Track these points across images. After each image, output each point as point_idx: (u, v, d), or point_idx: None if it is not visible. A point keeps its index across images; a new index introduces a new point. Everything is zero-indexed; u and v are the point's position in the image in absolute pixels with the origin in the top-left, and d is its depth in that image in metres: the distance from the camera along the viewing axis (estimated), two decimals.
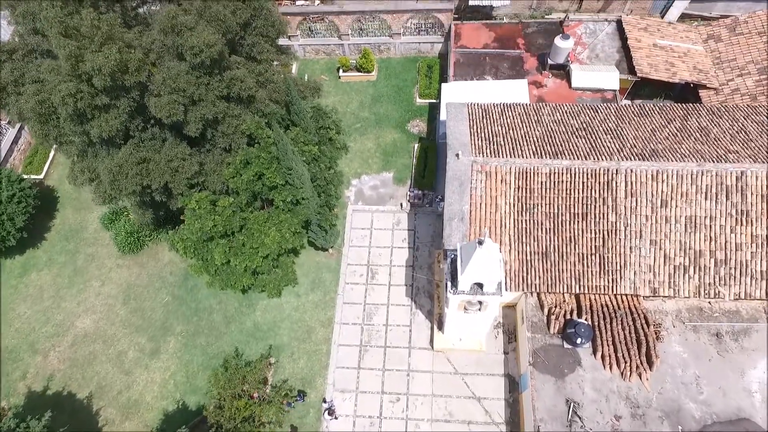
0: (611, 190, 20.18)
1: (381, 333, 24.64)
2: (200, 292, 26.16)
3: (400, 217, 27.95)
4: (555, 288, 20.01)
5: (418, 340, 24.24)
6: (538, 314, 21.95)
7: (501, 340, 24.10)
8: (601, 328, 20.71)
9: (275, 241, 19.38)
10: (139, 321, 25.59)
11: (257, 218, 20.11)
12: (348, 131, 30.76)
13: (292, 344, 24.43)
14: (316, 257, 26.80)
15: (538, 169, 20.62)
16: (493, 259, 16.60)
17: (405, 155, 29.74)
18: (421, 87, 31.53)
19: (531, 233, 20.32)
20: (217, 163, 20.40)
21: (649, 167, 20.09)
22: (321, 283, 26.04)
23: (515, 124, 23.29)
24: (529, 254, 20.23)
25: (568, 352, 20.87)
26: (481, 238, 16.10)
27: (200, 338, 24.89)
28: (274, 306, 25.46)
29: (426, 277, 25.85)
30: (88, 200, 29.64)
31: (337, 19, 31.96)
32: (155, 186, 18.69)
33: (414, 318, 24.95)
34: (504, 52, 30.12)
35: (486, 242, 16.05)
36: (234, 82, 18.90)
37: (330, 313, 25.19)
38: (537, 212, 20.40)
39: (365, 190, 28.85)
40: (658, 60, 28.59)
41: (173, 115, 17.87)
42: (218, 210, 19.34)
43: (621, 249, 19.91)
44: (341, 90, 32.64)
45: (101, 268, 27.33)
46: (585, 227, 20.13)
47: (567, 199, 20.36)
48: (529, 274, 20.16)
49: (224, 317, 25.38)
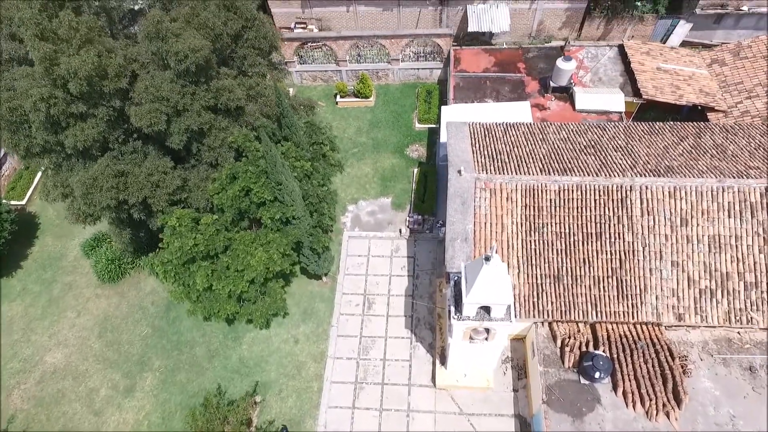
0: (626, 207, 18.72)
1: (378, 368, 22.50)
2: (183, 324, 24.17)
3: (399, 243, 26.34)
4: (569, 314, 18.17)
5: (419, 377, 22.08)
6: (550, 346, 19.99)
7: (510, 376, 21.94)
8: (621, 361, 18.76)
9: (262, 262, 17.71)
10: (115, 355, 23.47)
11: (243, 238, 18.53)
12: (345, 156, 29.66)
13: (281, 381, 22.23)
14: (309, 286, 24.99)
15: (546, 186, 19.25)
16: (502, 277, 14.93)
17: (404, 180, 28.48)
18: (420, 112, 30.70)
19: (541, 254, 18.69)
20: (201, 179, 19.04)
21: (666, 183, 18.72)
22: (313, 314, 24.10)
23: (519, 142, 22.14)
24: (539, 277, 18.52)
25: (585, 388, 18.80)
26: (488, 254, 14.50)
27: (180, 374, 22.70)
28: (261, 339, 23.43)
29: (427, 305, 23.96)
30: (70, 226, 28.17)
31: (334, 44, 31.56)
32: (133, 201, 17.21)
33: (414, 352, 22.87)
34: (505, 76, 29.46)
35: (494, 258, 14.43)
36: (222, 93, 17.84)
37: (323, 346, 23.12)
38: (547, 232, 18.85)
39: (362, 215, 27.40)
40: (663, 83, 27.89)
41: (154, 125, 16.66)
42: (200, 228, 17.78)
43: (640, 271, 18.23)
44: (338, 116, 31.81)
45: (78, 298, 25.45)
46: (600, 248, 18.52)
47: (578, 218, 18.87)
48: (540, 300, 18.37)
49: (207, 351, 23.29)
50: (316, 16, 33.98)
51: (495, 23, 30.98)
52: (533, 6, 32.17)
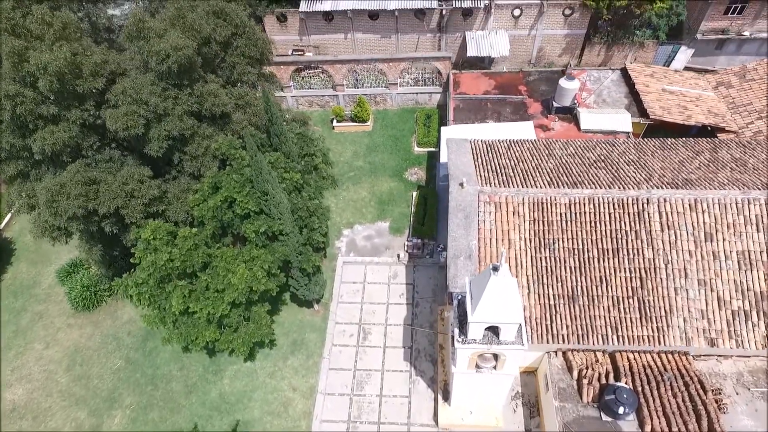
0: (643, 222, 17.15)
1: (374, 406, 20.19)
2: (160, 356, 22.01)
3: (397, 269, 24.56)
4: (587, 339, 16.20)
5: (419, 415, 19.75)
6: (566, 378, 17.88)
7: (521, 413, 19.61)
8: (647, 394, 16.65)
9: (244, 280, 15.93)
10: (82, 391, 21.18)
11: (224, 255, 16.83)
12: (341, 180, 28.39)
13: (265, 419, 19.87)
14: (299, 314, 23.01)
15: (555, 199, 17.76)
16: (512, 291, 13.15)
17: (402, 203, 27.03)
18: (419, 135, 29.67)
19: (553, 273, 16.94)
20: (182, 190, 17.57)
21: (686, 196, 17.24)
22: (303, 345, 21.99)
23: (524, 158, 20.85)
24: (552, 297, 16.68)
25: (607, 425, 16.59)
26: (495, 264, 12.79)
27: (153, 412, 20.35)
28: (245, 372, 21.21)
29: (428, 330, 21.91)
30: (48, 252, 26.50)
31: (331, 69, 30.98)
32: (103, 211, 15.66)
33: (414, 387, 20.62)
34: (506, 98, 28.63)
35: (502, 269, 12.72)
36: (206, 98, 16.69)
37: (312, 380, 20.89)
38: (558, 248, 17.19)
39: (358, 240, 25.76)
40: (670, 104, 27.01)
41: (131, 128, 15.37)
42: (177, 243, 16.12)
43: (664, 291, 16.42)
44: (335, 140, 30.78)
45: (48, 328, 23.39)
46: (617, 265, 16.80)
47: (592, 233, 17.25)
48: (554, 322, 16.45)
49: (185, 386, 21.02)
50: (314, 44, 33.67)
51: (494, 48, 30.53)
52: (533, 32, 31.87)
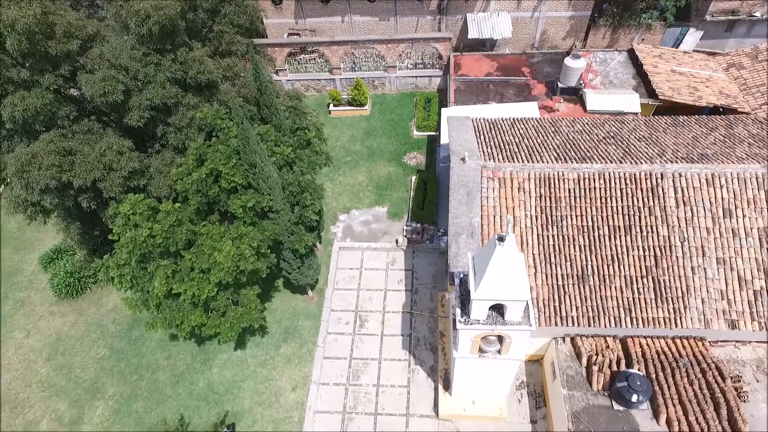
0: (657, 197, 16.07)
1: (370, 396, 19.09)
2: (146, 345, 20.94)
3: (396, 255, 23.47)
4: (598, 321, 15.11)
5: (419, 405, 18.65)
6: (574, 366, 16.81)
7: (526, 404, 18.53)
8: (661, 381, 15.60)
9: (230, 257, 14.85)
10: (63, 381, 20.10)
11: (210, 232, 15.75)
12: (337, 165, 27.33)
13: (255, 410, 18.77)
14: (293, 302, 21.92)
15: (563, 174, 16.69)
16: (518, 265, 12.07)
17: (401, 188, 25.95)
18: (419, 119, 28.60)
19: (561, 251, 15.86)
20: (165, 164, 16.50)
21: (702, 170, 16.15)
22: (296, 333, 20.91)
23: (529, 135, 19.79)
24: (560, 278, 15.60)
25: (620, 415, 15.52)
26: (501, 234, 11.71)
27: (137, 403, 19.26)
28: (235, 361, 20.13)
29: (428, 314, 20.82)
30: (31, 238, 25.45)
31: (327, 50, 29.93)
32: (79, 184, 14.59)
33: (413, 376, 19.53)
34: (509, 79, 27.57)
35: (508, 239, 11.63)
36: (191, 65, 15.62)
37: (306, 369, 19.80)
38: (566, 225, 16.11)
39: (355, 225, 24.68)
40: (679, 84, 25.91)
41: (109, 95, 14.31)
42: (159, 218, 15.04)
43: (680, 270, 15.34)
44: (331, 125, 29.72)
45: (29, 316, 22.31)
46: (630, 243, 15.72)
47: (603, 210, 16.18)
48: (562, 304, 15.36)
49: (172, 375, 19.94)
50: (310, 27, 32.65)
51: (496, 30, 29.47)
52: (536, 14, 30.80)
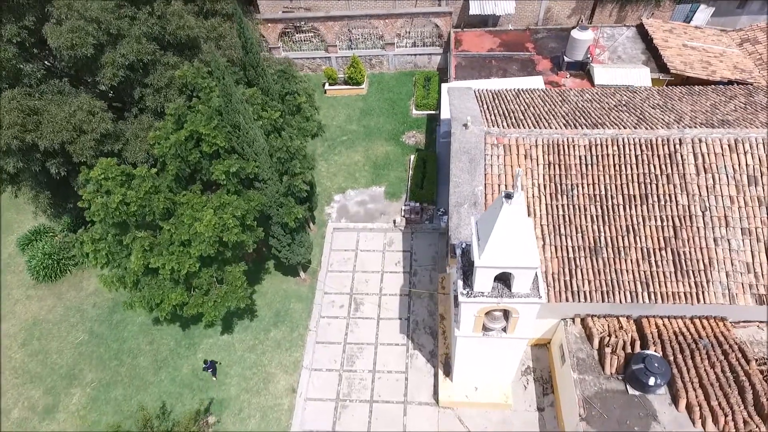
0: (676, 164, 14.83)
1: (366, 382, 17.85)
2: (127, 329, 19.71)
3: (393, 236, 22.22)
4: (613, 296, 13.85)
5: (418, 392, 17.41)
6: (585, 348, 15.60)
7: (533, 390, 17.29)
8: (680, 364, 14.40)
9: (211, 227, 13.62)
10: (38, 368, 18.86)
11: (190, 201, 14.50)
12: (333, 144, 26.12)
13: (242, 397, 17.53)
14: (284, 284, 20.68)
15: (573, 140, 15.44)
16: (527, 227, 10.83)
17: (399, 168, 24.70)
18: (418, 97, 27.35)
19: (572, 222, 14.61)
20: (142, 128, 15.26)
21: (724, 135, 14.91)
22: (287, 316, 19.67)
23: (535, 104, 18.55)
24: (571, 250, 14.35)
25: (635, 400, 14.32)
26: (508, 191, 10.47)
27: (116, 390, 18.03)
28: (222, 346, 18.90)
29: (428, 291, 19.61)
30: (10, 220, 24.19)
31: (323, 26, 28.68)
32: (46, 145, 13.37)
33: (411, 362, 18.29)
34: (512, 55, 26.33)
35: (517, 196, 10.39)
36: (170, 19, 14.38)
37: (297, 354, 18.56)
38: (577, 195, 14.86)
39: (350, 206, 23.43)
40: (691, 59, 24.67)
41: (77, 47, 13.09)
42: (134, 185, 13.80)
43: (701, 241, 14.09)
44: (326, 104, 28.47)
45: (5, 300, 21.06)
46: (647, 213, 14.48)
47: (617, 178, 14.93)
48: (573, 278, 14.11)
49: (154, 361, 18.70)
50: (305, 5, 31.37)
51: (499, 6, 28.18)
52: None
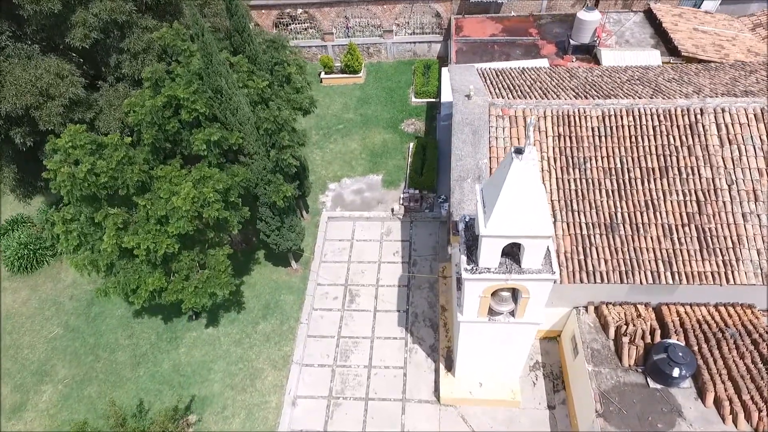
0: (698, 135, 13.60)
1: (361, 378, 16.46)
2: (105, 322, 18.36)
3: (391, 225, 20.94)
4: (632, 276, 12.53)
5: (417, 389, 16.01)
6: (600, 338, 14.26)
7: (542, 387, 15.89)
8: (705, 355, 13.08)
9: (189, 200, 12.37)
10: (8, 363, 17.49)
11: (168, 174, 13.27)
12: (327, 133, 24.95)
13: (226, 394, 16.14)
14: (274, 274, 19.36)
15: (585, 111, 14.24)
16: (540, 188, 9.57)
17: (398, 155, 23.50)
18: (417, 85, 26.24)
19: (585, 197, 13.35)
20: (118, 97, 14.07)
21: (749, 104, 13.71)
22: (277, 309, 18.32)
23: (542, 79, 17.40)
24: (585, 227, 13.07)
25: (657, 394, 12.94)
26: (519, 146, 9.22)
27: (90, 387, 16.64)
28: (206, 340, 17.53)
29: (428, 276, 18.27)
30: None
31: (318, 12, 27.68)
32: (7, 109, 12.17)
33: (410, 356, 16.90)
34: (515, 40, 25.27)
35: (528, 152, 9.14)
36: None
37: (286, 349, 17.19)
38: (590, 168, 13.62)
39: (346, 194, 22.18)
40: (703, 42, 23.58)
41: (42, 2, 11.89)
42: (105, 154, 12.57)
43: (728, 217, 12.81)
44: (322, 93, 27.35)
45: None
46: (667, 187, 13.22)
47: (633, 150, 13.70)
48: (588, 257, 12.81)
49: (133, 356, 17.33)
50: None
51: None
52: None
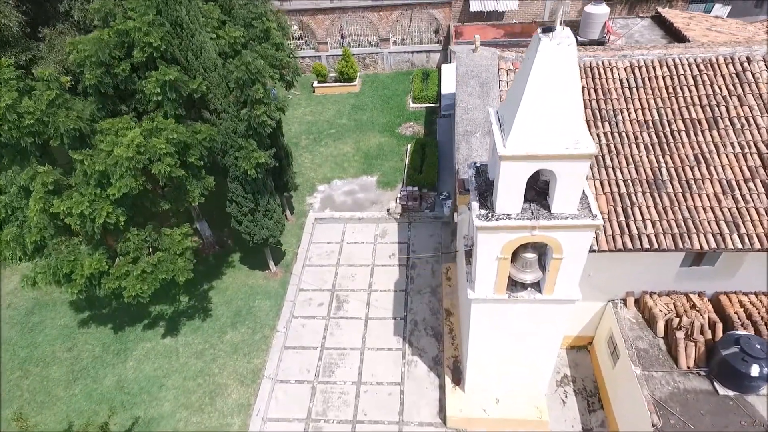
0: (747, 83, 11.46)
1: (348, 397, 13.27)
2: (44, 333, 15.37)
3: (387, 226, 18.38)
4: (688, 240, 9.84)
5: (417, 409, 12.81)
6: (646, 335, 11.44)
7: (574, 405, 12.71)
8: None
9: (134, 148, 9.98)
10: None
11: (114, 126, 10.96)
12: (318, 137, 22.97)
13: (178, 415, 12.90)
14: (249, 278, 16.57)
15: (610, 63, 12.21)
16: (576, 87, 7.22)
17: (394, 158, 21.33)
18: (416, 90, 24.58)
19: (620, 152, 10.96)
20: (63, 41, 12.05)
21: None
22: (250, 315, 15.39)
23: None
24: (623, 184, 10.57)
25: (729, 403, 9.99)
26: (547, 26, 6.99)
27: (11, 407, 13.42)
28: (161, 351, 14.47)
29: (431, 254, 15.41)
30: None
31: (312, 20, 26.61)
32: None
33: (409, 370, 13.79)
34: (519, 41, 23.87)
35: (559, 31, 6.89)
36: None
37: (258, 361, 14.11)
38: (623, 120, 11.34)
39: (336, 195, 19.79)
40: (719, 41, 22.12)
41: None
42: (35, 91, 10.31)
43: None
44: (315, 102, 25.70)
45: None
46: (719, 140, 10.87)
47: (672, 101, 11.49)
48: (630, 218, 10.19)
49: (70, 371, 14.21)
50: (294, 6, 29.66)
51: (501, 1, 26.33)
52: None
